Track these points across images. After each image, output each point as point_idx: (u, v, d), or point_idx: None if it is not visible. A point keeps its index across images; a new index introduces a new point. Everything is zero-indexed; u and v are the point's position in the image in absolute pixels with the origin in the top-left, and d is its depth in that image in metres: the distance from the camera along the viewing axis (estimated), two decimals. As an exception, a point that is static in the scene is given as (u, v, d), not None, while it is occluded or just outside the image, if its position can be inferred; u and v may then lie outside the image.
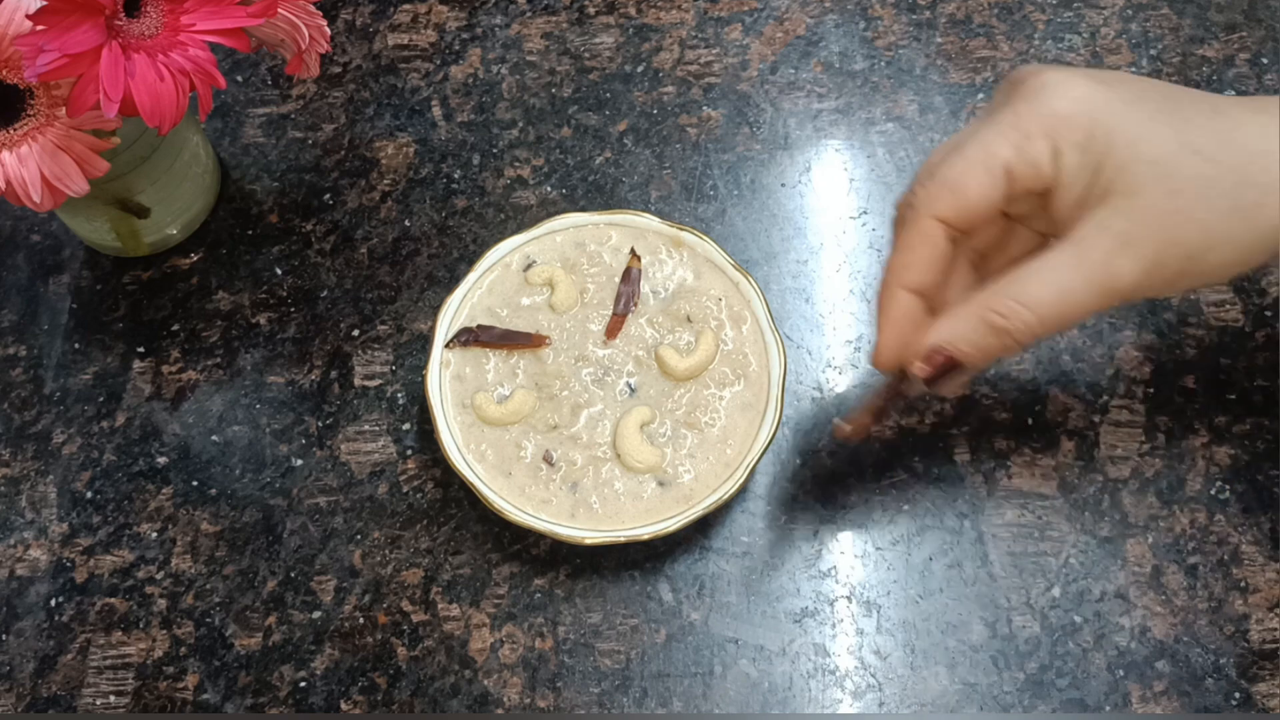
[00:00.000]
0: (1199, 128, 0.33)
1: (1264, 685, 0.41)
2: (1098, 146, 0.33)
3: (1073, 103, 0.33)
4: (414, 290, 0.50)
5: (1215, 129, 0.33)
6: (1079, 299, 0.33)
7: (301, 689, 0.43)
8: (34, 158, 0.40)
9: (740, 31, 0.56)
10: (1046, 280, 0.33)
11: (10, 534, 0.46)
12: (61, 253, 0.52)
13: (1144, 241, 0.33)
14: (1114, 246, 0.33)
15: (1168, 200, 0.33)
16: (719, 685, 0.42)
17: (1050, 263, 0.34)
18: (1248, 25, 0.55)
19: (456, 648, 0.43)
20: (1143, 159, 0.33)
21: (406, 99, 0.55)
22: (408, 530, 0.45)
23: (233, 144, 0.54)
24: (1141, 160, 0.33)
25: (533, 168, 0.53)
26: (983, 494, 0.45)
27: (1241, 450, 0.45)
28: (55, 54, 0.36)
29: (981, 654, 0.42)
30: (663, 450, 0.43)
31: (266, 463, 0.47)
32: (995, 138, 0.34)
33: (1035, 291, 0.34)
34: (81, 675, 0.43)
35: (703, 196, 0.52)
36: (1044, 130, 0.33)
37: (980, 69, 0.55)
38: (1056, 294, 0.33)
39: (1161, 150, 0.33)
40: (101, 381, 0.49)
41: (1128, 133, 0.33)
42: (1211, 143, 0.33)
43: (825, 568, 0.44)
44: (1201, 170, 0.33)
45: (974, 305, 0.35)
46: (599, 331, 0.46)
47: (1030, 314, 0.34)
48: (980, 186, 0.34)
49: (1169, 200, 0.33)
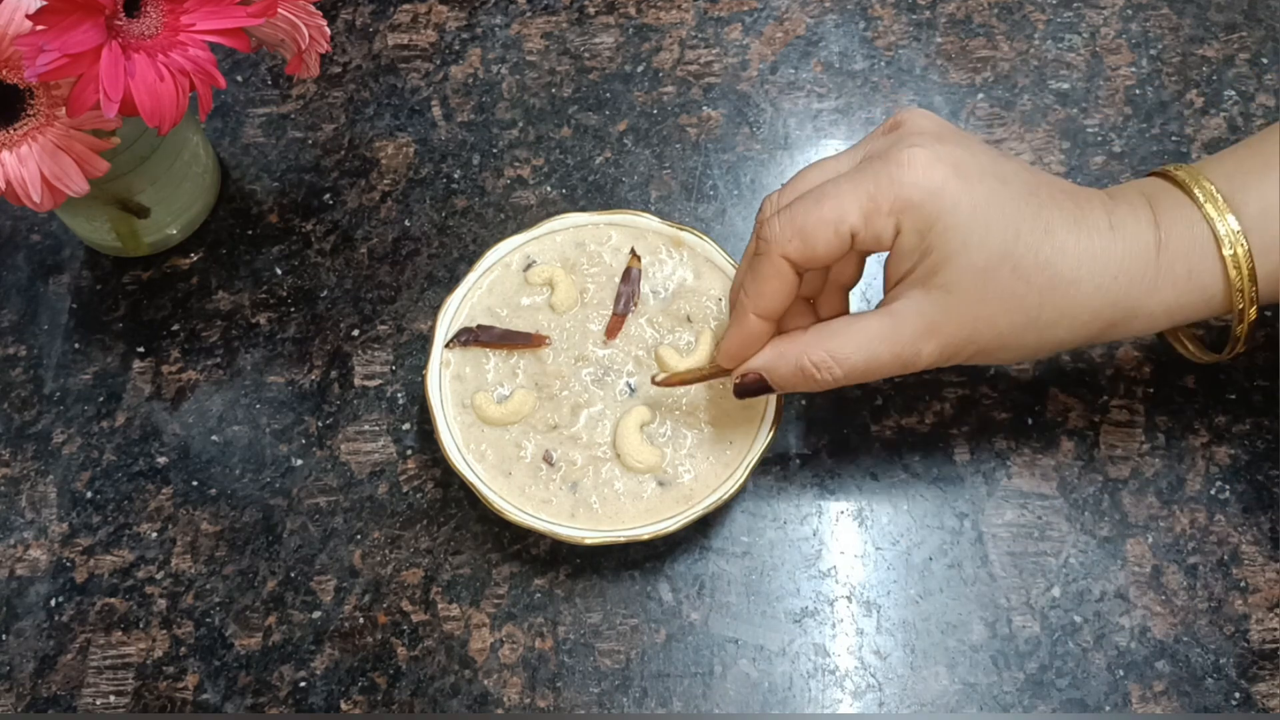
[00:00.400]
0: (1025, 245, 0.37)
1: (1264, 685, 0.41)
2: (933, 238, 0.37)
3: (925, 195, 0.36)
4: (414, 290, 0.50)
5: (1039, 251, 0.37)
6: (882, 365, 0.38)
7: (301, 689, 0.43)
8: (34, 158, 0.40)
9: (740, 31, 0.56)
10: (860, 345, 0.38)
11: (10, 534, 0.46)
12: (61, 253, 0.52)
13: (947, 335, 0.38)
14: (922, 332, 0.38)
15: (977, 306, 0.37)
16: (719, 685, 0.42)
17: (867, 329, 0.38)
18: (1248, 25, 0.55)
19: (456, 648, 0.43)
20: (966, 265, 0.37)
21: (406, 99, 0.55)
22: (408, 530, 0.45)
23: (233, 144, 0.54)
24: (964, 266, 0.37)
25: (533, 168, 0.53)
26: (983, 494, 0.45)
27: (1241, 450, 0.45)
28: (55, 54, 0.36)
29: (981, 654, 0.42)
30: (662, 450, 0.43)
31: (266, 463, 0.47)
32: (850, 204, 0.37)
33: (848, 352, 0.38)
34: (81, 675, 0.43)
35: (703, 196, 0.52)
36: (893, 209, 0.37)
37: (980, 69, 0.55)
38: (865, 359, 0.38)
39: (984, 261, 0.36)
40: (101, 381, 0.49)
41: (960, 236, 0.36)
42: (1029, 264, 0.37)
43: (825, 568, 0.44)
44: (1013, 287, 0.37)
45: (796, 347, 0.39)
46: (599, 331, 0.46)
47: (839, 369, 0.39)
48: (827, 244, 0.38)
49: (978, 306, 0.37)
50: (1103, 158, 0.52)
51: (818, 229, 0.37)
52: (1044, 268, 0.37)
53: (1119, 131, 0.52)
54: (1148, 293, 0.38)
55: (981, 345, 0.38)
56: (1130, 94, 0.53)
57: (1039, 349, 0.39)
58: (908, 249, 0.37)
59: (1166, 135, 0.52)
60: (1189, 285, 0.38)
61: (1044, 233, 0.37)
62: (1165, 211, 0.38)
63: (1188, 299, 0.38)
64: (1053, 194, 0.38)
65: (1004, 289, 0.37)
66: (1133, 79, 0.54)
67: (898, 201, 0.37)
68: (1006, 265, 0.37)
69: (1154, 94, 0.53)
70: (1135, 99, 0.53)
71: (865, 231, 0.37)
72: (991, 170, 0.37)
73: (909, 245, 0.37)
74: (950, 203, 0.36)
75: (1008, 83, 0.54)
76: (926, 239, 0.37)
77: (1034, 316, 0.37)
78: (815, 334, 0.39)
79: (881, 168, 0.37)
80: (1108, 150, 0.52)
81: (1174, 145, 0.52)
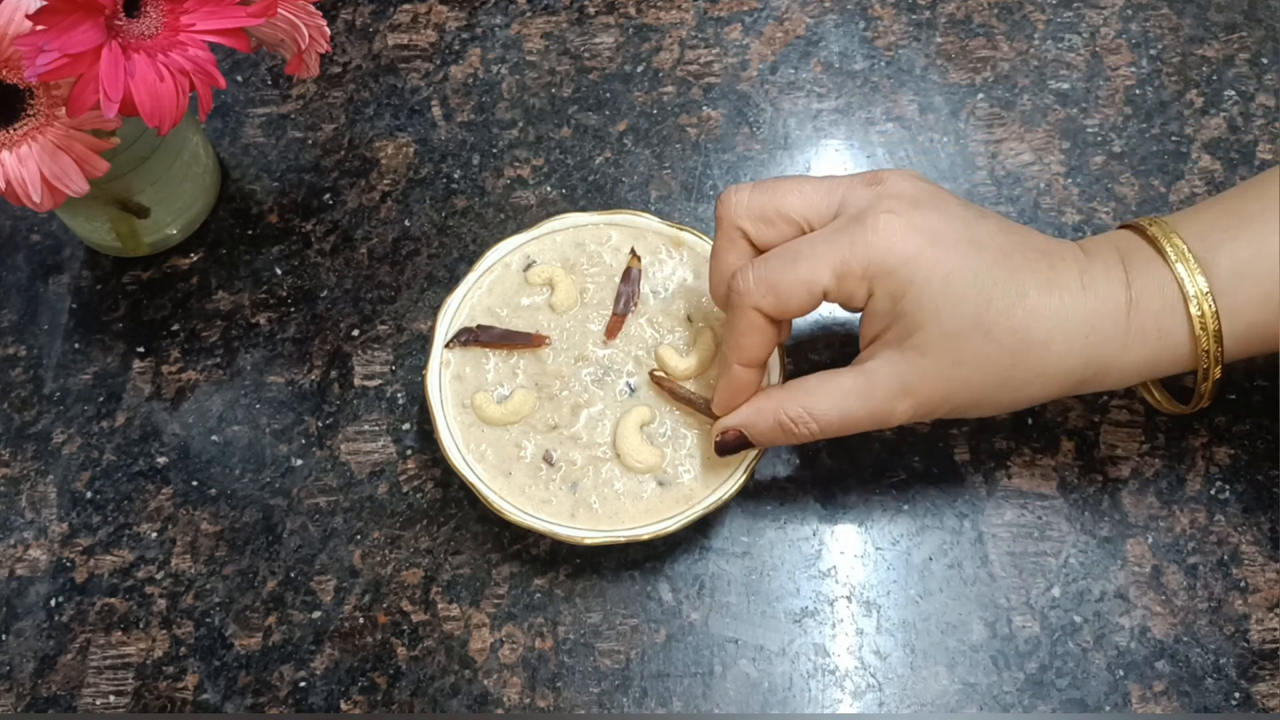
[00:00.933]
0: (997, 310, 0.37)
1: (1264, 685, 0.41)
2: (905, 304, 0.38)
3: (898, 262, 0.37)
4: (414, 290, 0.50)
5: (1012, 314, 0.38)
6: (857, 421, 0.39)
7: (301, 689, 0.43)
8: (34, 158, 0.40)
9: (740, 31, 0.56)
10: (835, 402, 0.39)
11: (10, 534, 0.46)
12: (61, 253, 0.52)
13: (921, 394, 0.39)
14: (896, 391, 0.39)
15: (951, 368, 0.38)
16: (719, 685, 0.42)
17: (842, 387, 0.39)
18: (1248, 25, 0.55)
19: (456, 648, 0.43)
20: (938, 330, 0.38)
21: (406, 99, 0.55)
22: (408, 530, 0.45)
23: (233, 144, 0.54)
24: (936, 331, 0.38)
25: (533, 168, 0.53)
26: (983, 494, 0.45)
27: (1241, 450, 0.45)
28: (55, 54, 0.36)
29: (981, 654, 0.42)
30: (662, 450, 0.43)
31: (266, 463, 0.47)
32: (824, 266, 0.38)
33: (824, 408, 0.39)
34: (81, 675, 0.43)
35: (703, 196, 0.52)
36: (865, 273, 0.38)
37: (980, 69, 0.55)
38: (840, 415, 0.39)
39: (957, 327, 0.37)
40: (101, 381, 0.49)
41: (934, 304, 0.37)
42: (1002, 328, 0.38)
43: (825, 568, 0.44)
44: (985, 350, 0.38)
45: (773, 403, 0.40)
46: (599, 331, 0.46)
47: (815, 424, 0.40)
48: (800, 302, 0.39)
49: (952, 369, 0.38)
50: (1103, 158, 0.52)
51: (791, 289, 0.38)
52: (1016, 331, 0.38)
53: (1119, 131, 0.52)
54: (1119, 351, 0.38)
55: (956, 404, 0.39)
56: (1130, 94, 0.53)
57: (1014, 405, 0.40)
58: (881, 312, 0.38)
59: (1166, 135, 0.52)
60: (1159, 344, 0.38)
61: (1016, 296, 0.38)
62: (1137, 271, 0.39)
63: (1158, 357, 0.39)
64: (1026, 256, 0.39)
65: (977, 352, 0.38)
66: (1133, 79, 0.54)
67: (871, 266, 0.37)
68: (979, 330, 0.37)
69: (1154, 94, 0.53)
70: (1135, 99, 0.53)
71: (837, 292, 0.38)
72: (967, 236, 0.38)
73: (882, 309, 0.38)
74: (924, 272, 0.37)
75: (1008, 83, 0.54)
76: (899, 304, 0.38)
77: (1007, 376, 0.38)
78: (791, 390, 0.40)
79: (857, 232, 0.38)
80: (1108, 150, 0.52)
81: (1174, 145, 0.52)
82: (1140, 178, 0.51)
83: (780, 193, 0.40)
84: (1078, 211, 0.51)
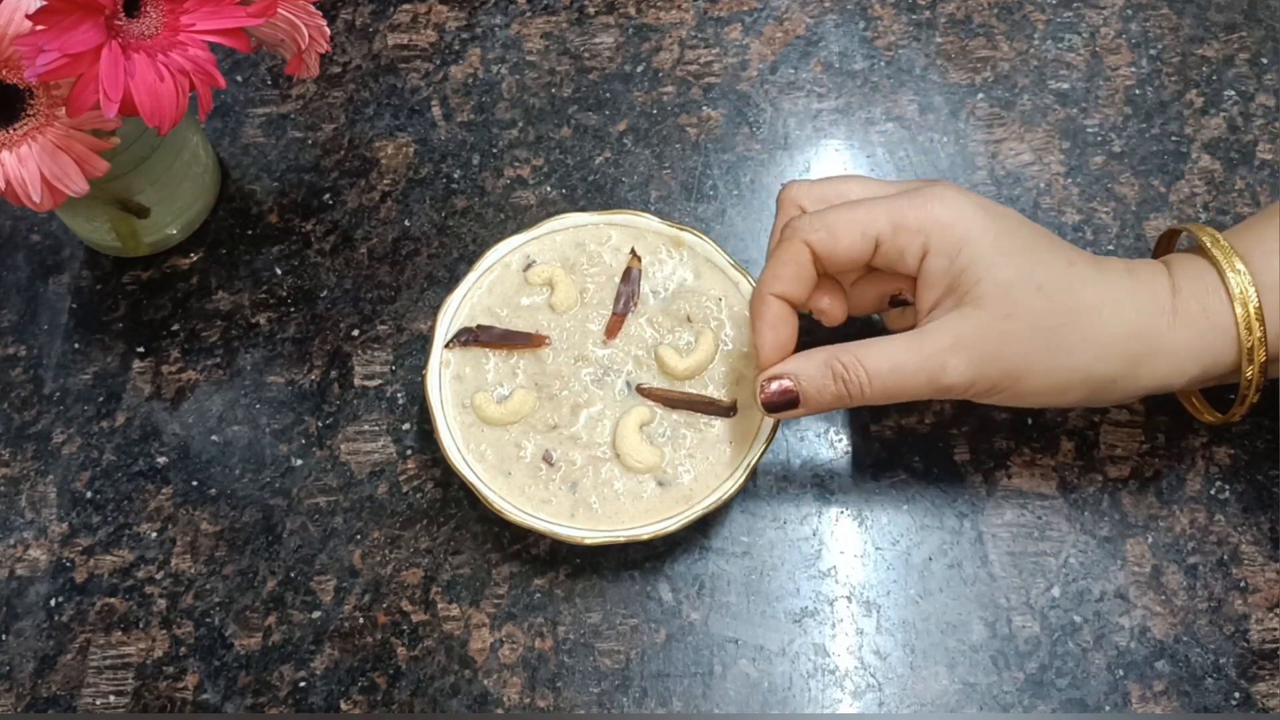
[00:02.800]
0: (1049, 269, 0.39)
1: (1264, 685, 0.41)
2: (961, 260, 0.39)
3: (956, 217, 0.39)
4: (414, 290, 0.50)
5: (1062, 276, 0.39)
6: (908, 380, 0.39)
7: (301, 689, 0.43)
8: (34, 158, 0.40)
9: (740, 31, 0.56)
10: (887, 354, 0.39)
11: (10, 534, 0.46)
12: (61, 253, 0.52)
13: (975, 348, 0.39)
14: (950, 345, 0.39)
15: (1003, 321, 0.38)
16: (719, 685, 0.42)
17: (897, 342, 0.39)
18: (1248, 25, 0.55)
19: (456, 648, 0.43)
20: (993, 280, 0.38)
21: (406, 99, 0.55)
22: (408, 530, 0.45)
23: (233, 144, 0.54)
24: (992, 281, 0.38)
25: (533, 168, 0.53)
26: (983, 494, 0.45)
27: (1241, 450, 0.45)
28: (55, 54, 0.36)
29: (981, 654, 0.42)
30: (662, 450, 0.43)
31: (266, 463, 0.47)
32: (882, 213, 0.39)
33: (875, 360, 0.39)
34: (81, 675, 0.43)
35: (702, 196, 0.52)
36: (922, 227, 0.39)
37: (980, 69, 0.55)
38: (890, 367, 0.39)
39: (1011, 278, 0.38)
40: (101, 381, 0.49)
41: (988, 257, 0.38)
42: (1054, 285, 0.39)
43: (825, 568, 0.44)
44: (1037, 304, 0.38)
45: (824, 352, 0.40)
46: (599, 331, 0.46)
47: (865, 376, 0.39)
48: (851, 243, 0.39)
49: (1004, 322, 0.38)
50: (1103, 158, 0.52)
51: (846, 227, 0.39)
52: (1067, 291, 0.39)
53: (1119, 131, 0.52)
54: (1167, 328, 0.39)
55: (1007, 366, 0.39)
56: (1130, 94, 0.53)
57: (1067, 376, 0.39)
58: (937, 271, 0.39)
59: (1166, 135, 0.52)
60: (1206, 323, 0.39)
61: (1066, 264, 0.39)
62: (1178, 265, 0.41)
63: (1207, 340, 0.39)
64: (1071, 245, 0.41)
65: (1029, 305, 0.38)
66: (1133, 79, 0.54)
67: (927, 221, 0.39)
68: (1031, 284, 0.38)
69: (1154, 94, 0.53)
70: (1135, 99, 0.53)
71: (890, 242, 0.39)
72: (1012, 216, 0.40)
73: (938, 267, 0.39)
74: (979, 228, 0.39)
75: (1008, 83, 0.54)
76: (956, 261, 0.39)
77: (1059, 336, 0.39)
78: (841, 345, 0.40)
79: (915, 196, 0.40)
80: (1108, 150, 0.52)
81: (1174, 145, 0.52)
82: (1140, 177, 0.51)
83: (841, 181, 0.43)
84: (1078, 211, 0.51)
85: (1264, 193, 0.51)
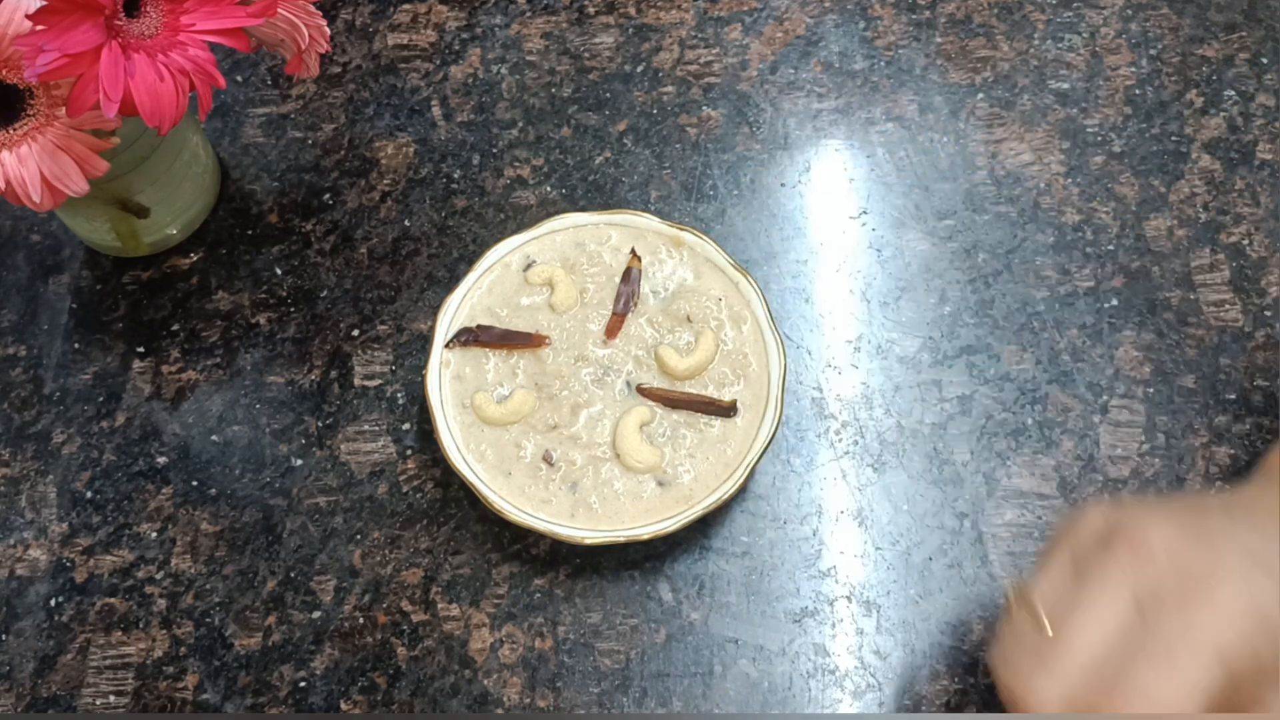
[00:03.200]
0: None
1: (1264, 685, 0.41)
2: (1262, 659, 0.33)
3: (1238, 631, 0.33)
4: (414, 290, 0.50)
5: None
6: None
7: (301, 689, 0.43)
8: (34, 158, 0.40)
9: (740, 31, 0.56)
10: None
11: (10, 534, 0.46)
12: (61, 253, 0.52)
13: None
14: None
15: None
16: (719, 685, 0.42)
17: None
18: (1248, 25, 0.55)
19: (456, 648, 0.43)
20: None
21: (406, 99, 0.55)
22: (408, 530, 0.45)
23: (233, 144, 0.54)
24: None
25: (533, 168, 0.53)
26: (983, 494, 0.45)
27: (1241, 450, 0.45)
28: (55, 54, 0.36)
29: (981, 654, 0.42)
30: (662, 450, 0.43)
31: (266, 463, 0.47)
32: (1178, 681, 0.33)
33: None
34: (81, 675, 0.43)
35: (702, 196, 0.52)
36: (1220, 659, 0.33)
37: (980, 69, 0.55)
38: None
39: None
40: (101, 381, 0.49)
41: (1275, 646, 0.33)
42: None
43: (825, 568, 0.44)
44: None
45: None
46: (599, 331, 0.46)
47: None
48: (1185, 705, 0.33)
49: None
50: (1102, 157, 0.52)
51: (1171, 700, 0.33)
52: None
53: (1119, 131, 0.52)
54: None
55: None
56: (1130, 94, 0.53)
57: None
58: (1246, 672, 0.33)
59: (1166, 135, 0.52)
60: None
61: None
62: None
63: None
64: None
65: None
66: (1133, 79, 0.54)
67: (1221, 650, 0.33)
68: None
69: (1154, 94, 0.53)
70: (1135, 99, 0.53)
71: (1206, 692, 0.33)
72: (1257, 565, 0.34)
73: (1245, 669, 0.33)
74: (1259, 625, 0.33)
75: (1008, 83, 0.54)
76: (1256, 660, 0.33)
77: None
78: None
79: (1188, 616, 0.33)
80: (1108, 150, 0.52)
81: (1174, 145, 0.52)
82: (1140, 177, 0.51)
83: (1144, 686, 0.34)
84: (1078, 211, 0.51)
85: (1264, 193, 0.51)
